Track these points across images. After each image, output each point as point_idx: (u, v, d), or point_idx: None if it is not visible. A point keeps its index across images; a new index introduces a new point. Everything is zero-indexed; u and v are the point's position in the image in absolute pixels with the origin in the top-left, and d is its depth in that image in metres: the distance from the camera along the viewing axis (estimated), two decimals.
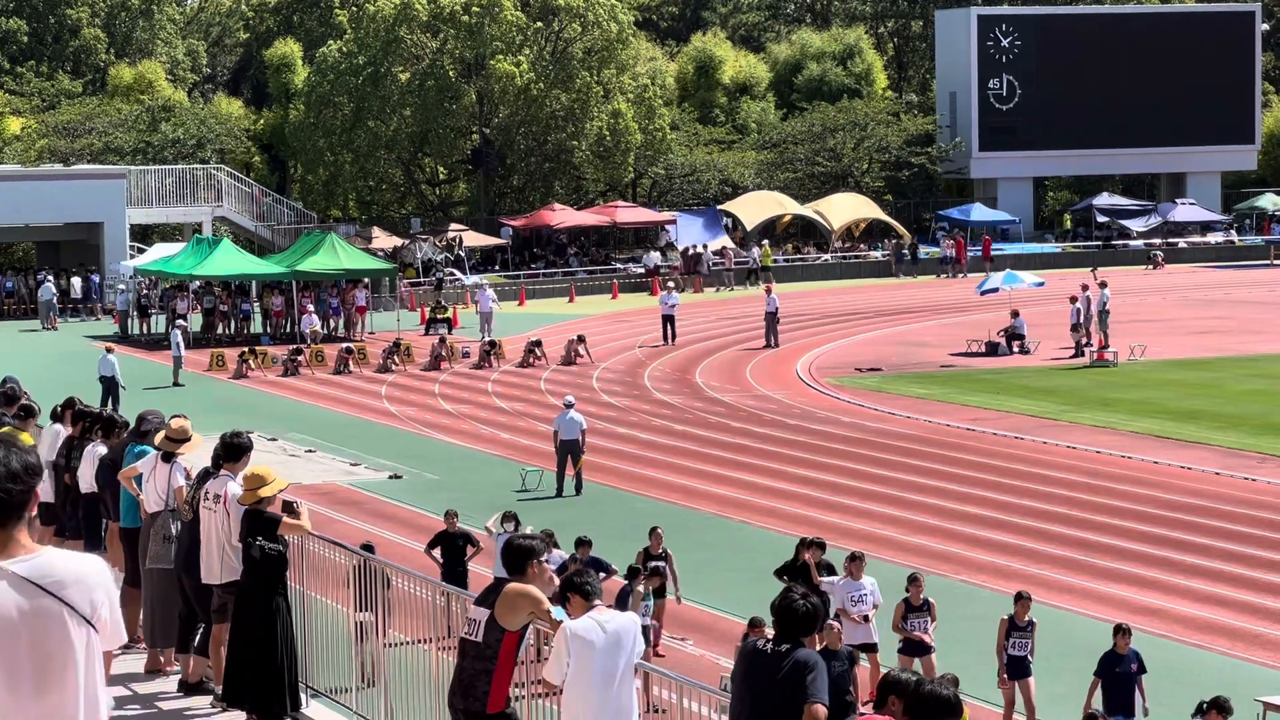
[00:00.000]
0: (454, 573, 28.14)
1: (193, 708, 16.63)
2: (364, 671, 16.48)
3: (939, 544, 36.04)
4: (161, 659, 17.68)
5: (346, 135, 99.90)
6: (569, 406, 42.51)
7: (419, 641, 15.54)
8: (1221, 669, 27.82)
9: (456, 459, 46.95)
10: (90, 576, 6.62)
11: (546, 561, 13.17)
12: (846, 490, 41.50)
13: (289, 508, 16.16)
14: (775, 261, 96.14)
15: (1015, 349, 65.40)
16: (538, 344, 64.85)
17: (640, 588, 26.82)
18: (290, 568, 16.20)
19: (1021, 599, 25.46)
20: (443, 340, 66.15)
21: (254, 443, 17.70)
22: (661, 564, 28.74)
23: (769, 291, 71.00)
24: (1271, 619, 30.23)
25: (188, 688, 17.06)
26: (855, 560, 27.05)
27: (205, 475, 16.86)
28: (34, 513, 6.69)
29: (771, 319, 68.88)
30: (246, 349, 65.84)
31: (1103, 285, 66.58)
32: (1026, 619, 25.17)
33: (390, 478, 44.08)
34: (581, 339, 64.90)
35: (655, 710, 13.79)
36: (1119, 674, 23.95)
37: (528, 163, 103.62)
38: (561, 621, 12.32)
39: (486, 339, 67.78)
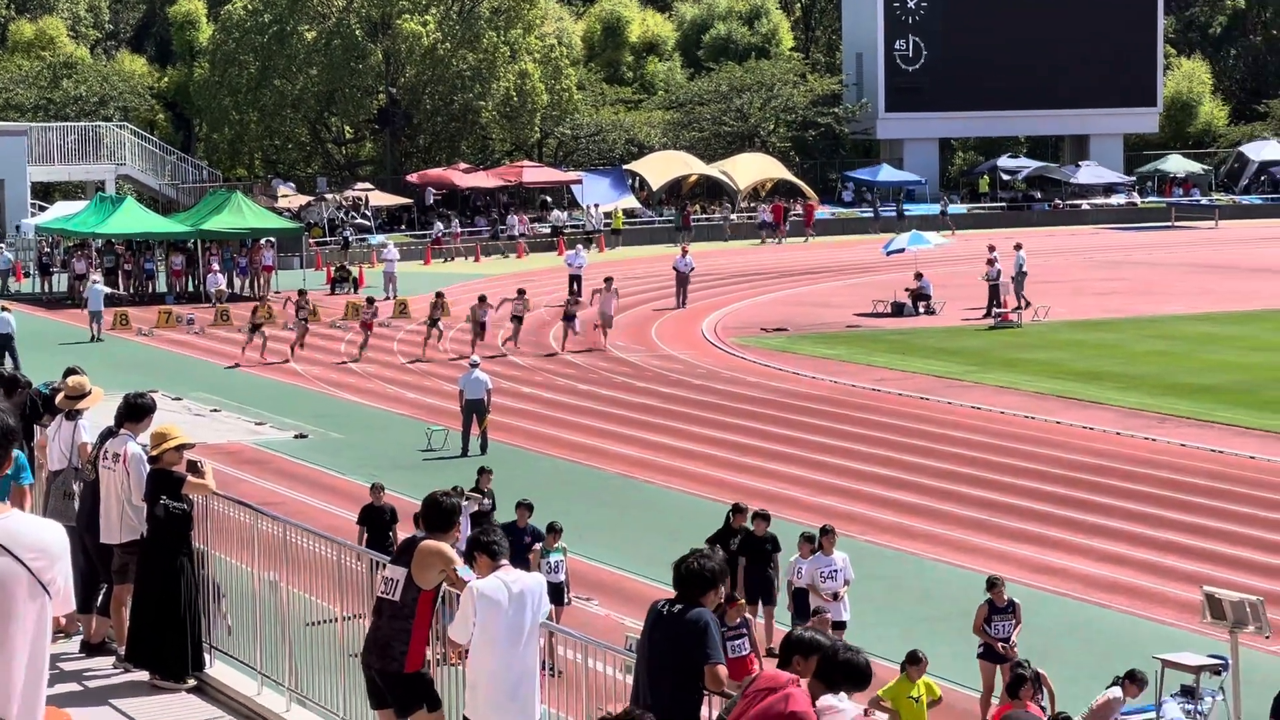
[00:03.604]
0: (381, 547, 27.84)
1: (94, 669, 16.51)
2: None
3: (844, 504, 36.18)
4: (63, 620, 17.51)
5: (252, 94, 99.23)
6: (474, 366, 42.54)
7: (323, 601, 15.48)
8: (1122, 627, 28.07)
9: (362, 418, 46.80)
10: (52, 544, 6.65)
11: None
12: (751, 450, 41.57)
13: (193, 467, 16.06)
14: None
15: (921, 309, 65.71)
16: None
17: (537, 546, 26.67)
18: (194, 527, 16.12)
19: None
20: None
21: (157, 403, 17.54)
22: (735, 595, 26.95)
23: (685, 253, 70.97)
24: (1172, 577, 30.51)
25: (89, 648, 16.94)
26: (826, 534, 26.38)
27: (107, 434, 16.74)
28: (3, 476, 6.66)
29: (683, 279, 68.72)
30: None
31: (1017, 247, 66.77)
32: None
33: (295, 437, 43.92)
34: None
35: (559, 672, 13.77)
36: None
37: (434, 122, 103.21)
38: (468, 580, 12.33)
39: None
